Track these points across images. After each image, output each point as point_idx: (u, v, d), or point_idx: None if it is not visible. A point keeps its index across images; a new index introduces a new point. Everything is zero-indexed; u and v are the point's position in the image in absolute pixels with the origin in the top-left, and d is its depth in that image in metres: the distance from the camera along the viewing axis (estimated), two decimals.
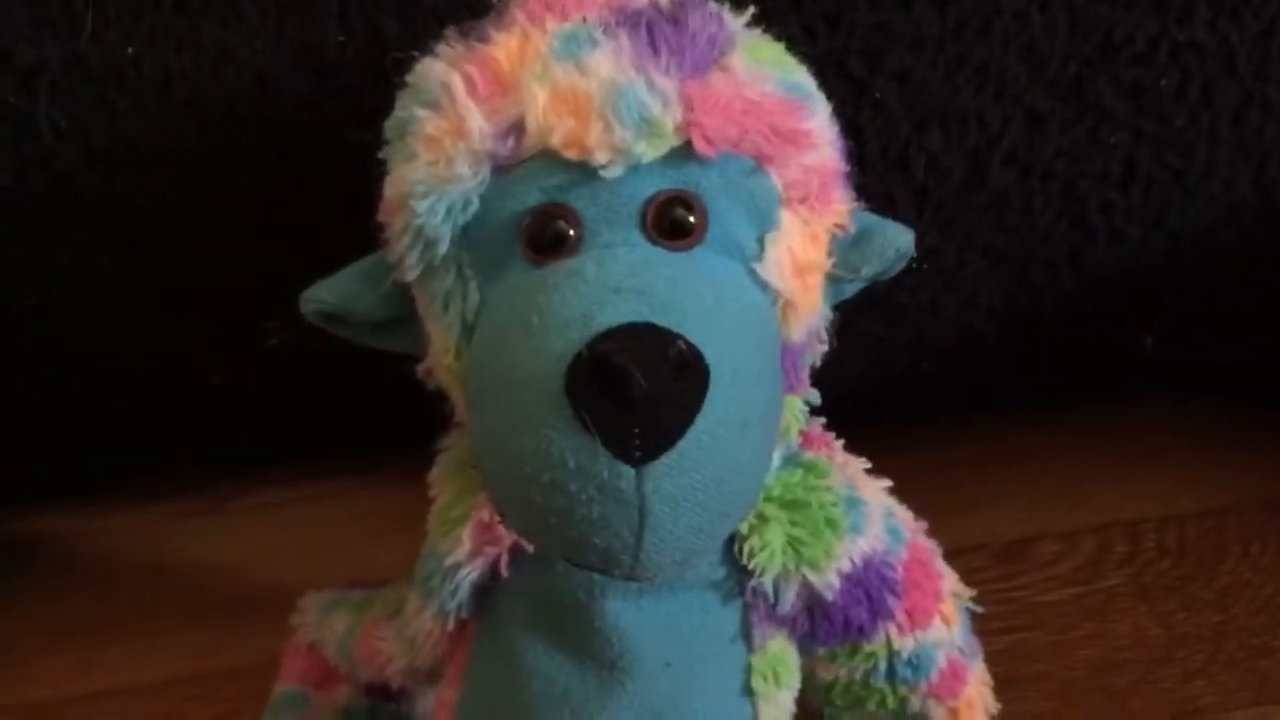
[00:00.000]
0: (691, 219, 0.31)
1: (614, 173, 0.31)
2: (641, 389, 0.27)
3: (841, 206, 0.34)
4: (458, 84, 0.32)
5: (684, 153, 0.31)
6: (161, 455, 0.59)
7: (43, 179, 0.44)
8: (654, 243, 0.31)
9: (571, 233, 0.31)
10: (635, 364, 0.27)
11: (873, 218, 0.35)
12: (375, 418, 0.52)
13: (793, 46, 0.35)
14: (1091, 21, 0.43)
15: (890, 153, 0.42)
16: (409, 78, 0.34)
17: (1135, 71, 0.44)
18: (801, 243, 0.33)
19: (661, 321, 0.28)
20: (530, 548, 0.35)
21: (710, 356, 0.28)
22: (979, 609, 0.41)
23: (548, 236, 0.31)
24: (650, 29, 0.32)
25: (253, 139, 0.43)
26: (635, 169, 0.31)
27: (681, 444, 0.28)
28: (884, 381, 0.49)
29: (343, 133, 0.42)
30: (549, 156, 0.31)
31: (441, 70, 0.33)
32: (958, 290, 0.48)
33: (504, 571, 0.36)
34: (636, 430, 0.28)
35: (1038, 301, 0.49)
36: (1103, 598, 0.53)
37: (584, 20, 0.32)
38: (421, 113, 0.32)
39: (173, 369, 0.52)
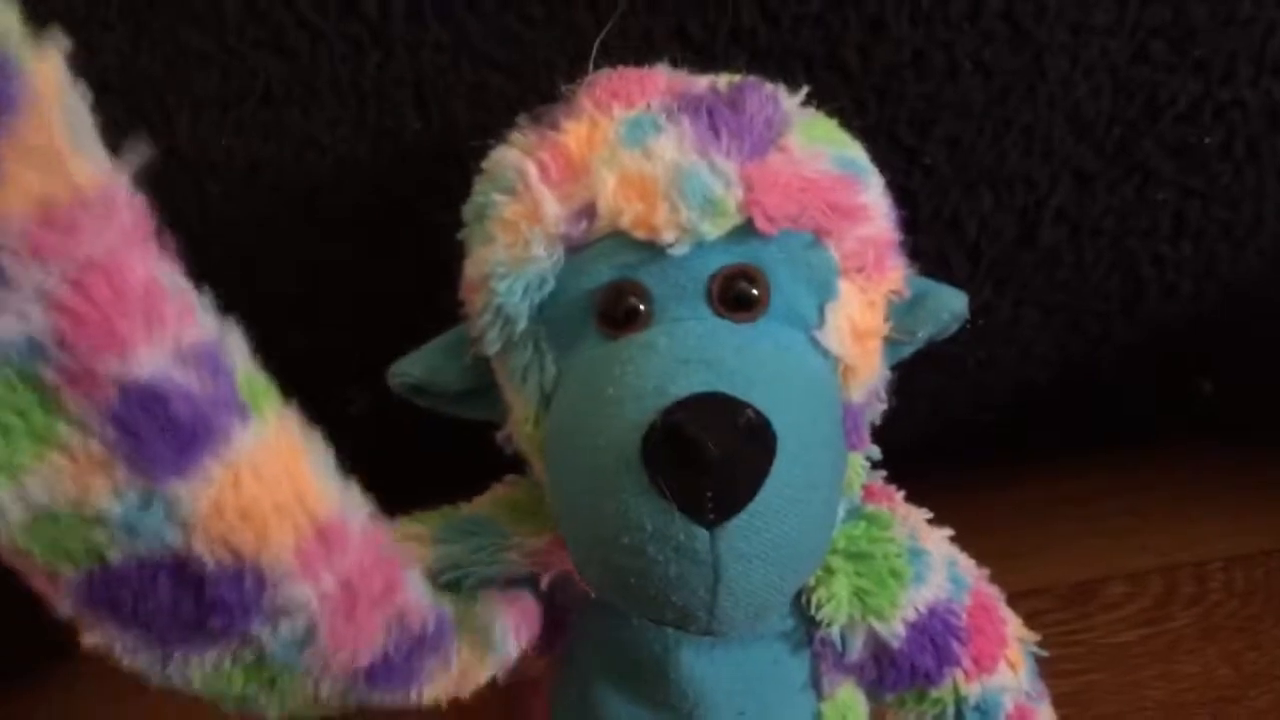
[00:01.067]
0: (755, 292, 0.33)
1: (680, 250, 0.33)
2: (714, 455, 0.28)
3: (896, 274, 0.35)
4: (531, 170, 0.34)
5: (746, 230, 0.33)
6: None
7: None
8: (720, 315, 0.33)
9: (642, 308, 0.33)
10: (707, 432, 0.29)
11: (927, 283, 0.37)
12: (449, 479, 0.54)
13: (844, 120, 0.37)
14: (1135, 84, 0.43)
15: (943, 215, 0.42)
16: (485, 164, 0.36)
17: (1180, 130, 0.44)
18: (860, 310, 0.34)
19: (730, 390, 0.30)
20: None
21: (777, 422, 0.30)
22: (1044, 653, 0.41)
23: (620, 311, 0.33)
24: (711, 114, 0.34)
25: (334, 219, 0.45)
26: (700, 246, 0.33)
27: (752, 506, 0.29)
28: (943, 433, 0.49)
29: (417, 212, 0.44)
30: (619, 236, 0.33)
31: (516, 157, 0.34)
32: (1013, 343, 0.48)
33: (543, 585, 0.37)
34: (710, 494, 0.29)
35: (1093, 352, 0.49)
36: (1170, 639, 0.54)
37: (648, 107, 0.34)
38: (498, 198, 0.34)
39: None
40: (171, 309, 0.24)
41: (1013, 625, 0.40)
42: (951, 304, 0.36)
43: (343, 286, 0.47)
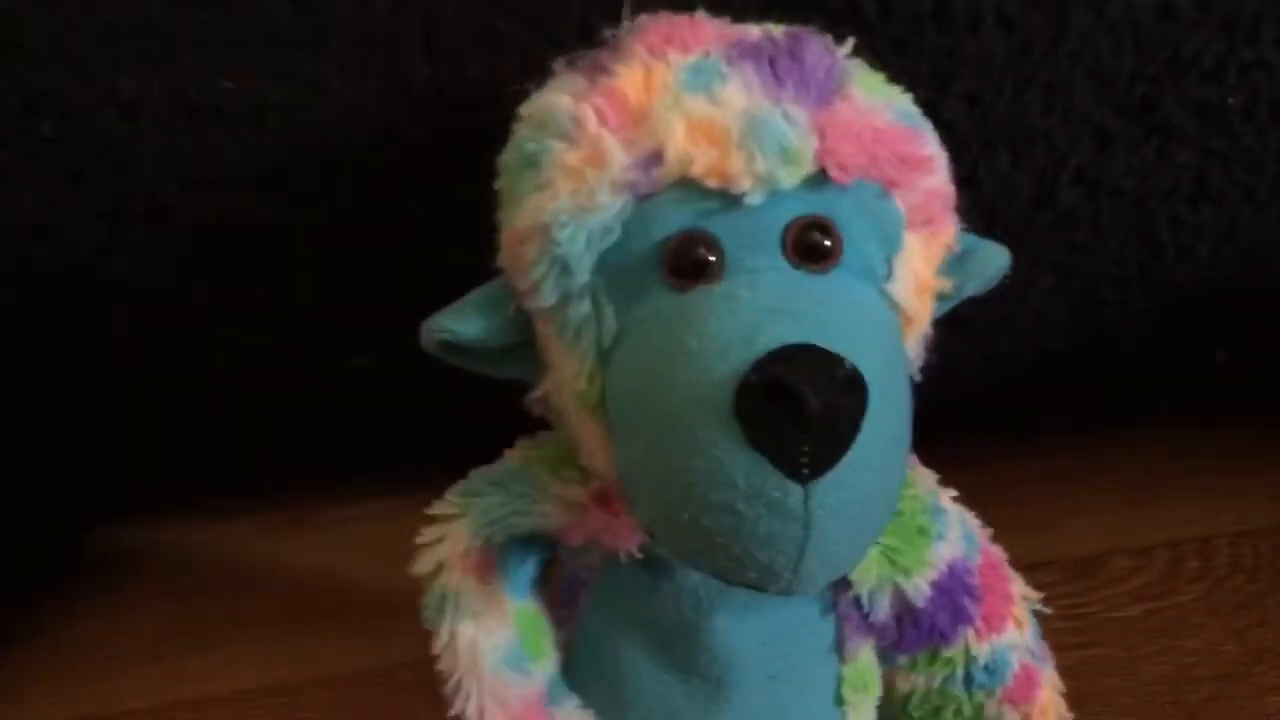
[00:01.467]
0: (828, 243, 0.32)
1: (756, 200, 0.32)
2: (814, 408, 0.28)
3: (953, 228, 0.35)
4: (590, 115, 0.32)
5: (818, 180, 0.32)
6: (250, 469, 0.60)
7: (142, 207, 0.45)
8: (795, 266, 0.32)
9: (713, 259, 0.32)
10: (807, 384, 0.28)
11: (973, 238, 0.36)
12: (456, 434, 0.53)
13: None
14: (1158, 41, 0.43)
15: (959, 173, 0.42)
16: (526, 109, 0.35)
17: (1203, 90, 0.44)
18: (922, 263, 0.34)
19: (820, 341, 0.29)
20: (628, 561, 0.36)
21: (866, 374, 0.29)
22: (1048, 611, 0.41)
23: (690, 262, 0.32)
24: (773, 62, 0.33)
25: (341, 166, 0.45)
26: (773, 195, 0.32)
27: (845, 460, 0.29)
28: (952, 400, 0.49)
29: (427, 161, 0.44)
30: (686, 185, 0.32)
31: (570, 103, 0.33)
32: (1026, 308, 0.48)
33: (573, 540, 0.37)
34: (806, 449, 0.28)
35: (1108, 318, 0.49)
36: (1176, 613, 0.53)
37: (707, 53, 0.33)
38: (556, 144, 0.33)
39: (261, 388, 0.53)
40: None
41: (1018, 583, 0.40)
42: (998, 259, 0.36)
43: (349, 236, 0.46)
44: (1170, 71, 0.43)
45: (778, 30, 0.35)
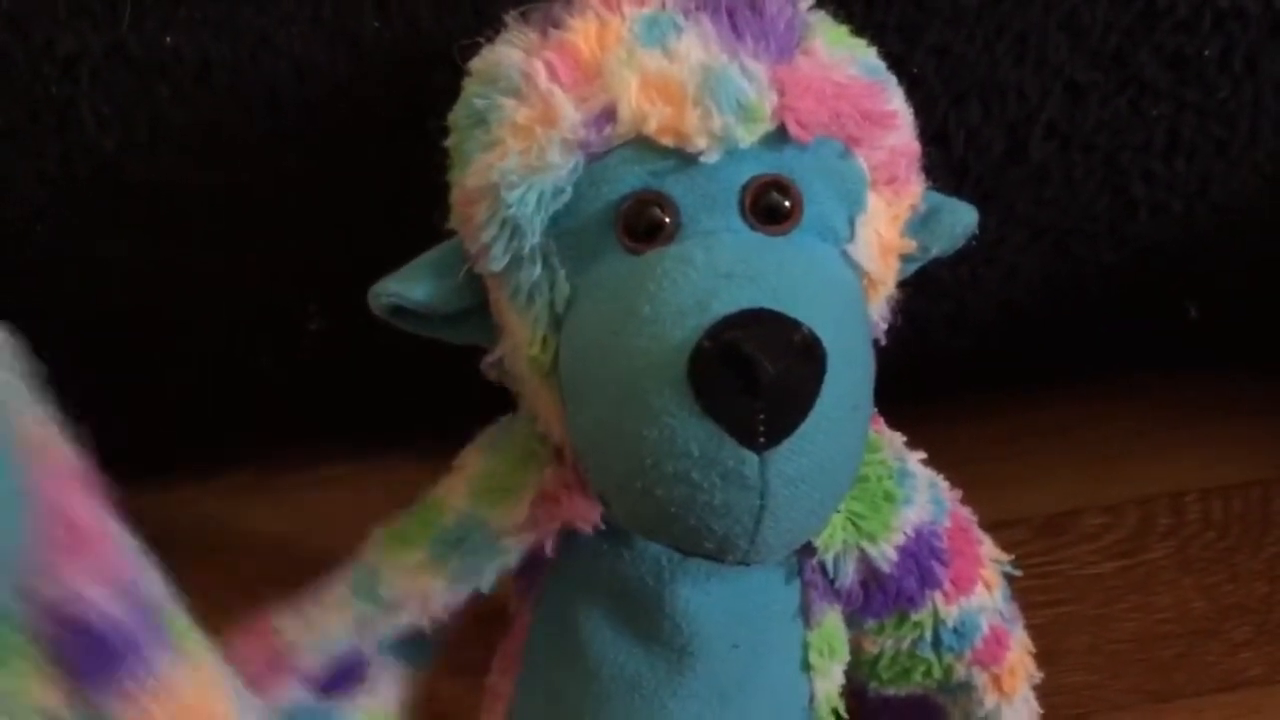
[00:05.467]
0: (788, 204, 0.32)
1: (712, 158, 0.31)
2: (770, 375, 0.27)
3: (918, 187, 0.35)
4: (540, 71, 0.32)
5: (777, 137, 0.31)
6: (204, 432, 0.59)
7: (86, 166, 0.44)
8: (753, 228, 0.31)
9: (668, 219, 0.31)
10: (762, 351, 0.27)
11: (939, 197, 0.36)
12: (417, 397, 0.52)
13: None
14: None
15: (929, 128, 0.41)
16: (476, 64, 0.34)
17: (1177, 40, 0.43)
18: (886, 224, 0.34)
19: (776, 306, 0.29)
20: (587, 532, 0.35)
21: (825, 340, 0.29)
22: (1017, 573, 0.41)
23: (645, 223, 0.31)
24: (731, 14, 0.32)
25: (290, 124, 0.44)
26: (730, 154, 0.31)
27: (802, 428, 0.28)
28: (921, 357, 0.49)
29: (378, 118, 0.43)
30: (640, 143, 0.31)
31: (520, 58, 0.32)
32: (997, 264, 0.48)
33: (549, 551, 0.36)
34: (762, 417, 0.28)
35: (1078, 274, 0.49)
36: (1146, 570, 0.53)
37: (663, 5, 0.32)
38: (505, 101, 0.32)
39: (218, 351, 0.52)
40: (108, 548, 0.27)
41: (987, 545, 0.40)
42: (965, 218, 0.36)
43: (299, 196, 0.45)
44: (1144, 22, 0.43)
45: None
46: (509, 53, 0.33)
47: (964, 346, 0.52)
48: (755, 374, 0.27)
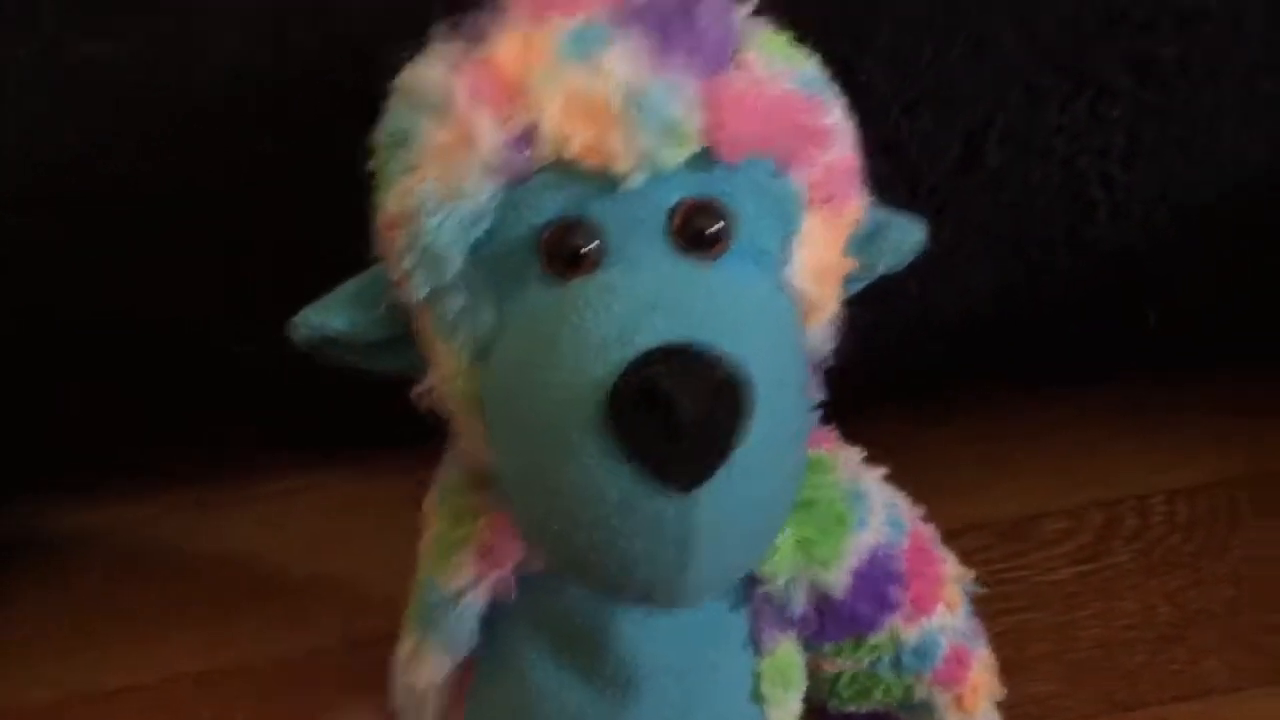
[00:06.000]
0: (717, 228, 0.30)
1: (636, 182, 0.30)
2: (690, 415, 0.26)
3: (859, 204, 0.33)
4: (461, 89, 0.30)
5: (705, 157, 0.30)
6: (151, 446, 0.58)
7: (12, 178, 0.44)
8: (681, 254, 0.30)
9: (593, 246, 0.30)
10: (683, 390, 0.26)
11: (884, 213, 0.35)
12: (350, 425, 0.52)
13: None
14: None
15: (880, 137, 0.40)
16: (401, 81, 0.32)
17: (1137, 42, 0.43)
18: (825, 245, 0.33)
19: (701, 339, 0.28)
20: (537, 569, 0.35)
21: (753, 373, 0.28)
22: (982, 590, 0.40)
23: (567, 250, 0.30)
24: (664, 25, 0.30)
25: (221, 134, 0.43)
26: (656, 177, 0.30)
27: (725, 467, 0.27)
28: (877, 367, 0.48)
29: (308, 134, 0.41)
30: (564, 166, 0.30)
31: (439, 74, 0.31)
32: (953, 274, 0.47)
33: (511, 594, 0.35)
34: (681, 460, 0.27)
35: (1035, 281, 0.48)
36: (1110, 575, 0.53)
37: (592, 17, 0.31)
38: (423, 121, 0.31)
39: (150, 363, 0.51)
40: None
41: (949, 564, 0.40)
42: (912, 234, 0.35)
43: (226, 216, 0.44)
44: (1104, 23, 0.42)
45: None
46: (431, 70, 0.31)
47: (920, 355, 0.51)
48: (675, 414, 0.26)
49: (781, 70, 0.32)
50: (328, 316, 0.32)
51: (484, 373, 0.31)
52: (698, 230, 0.30)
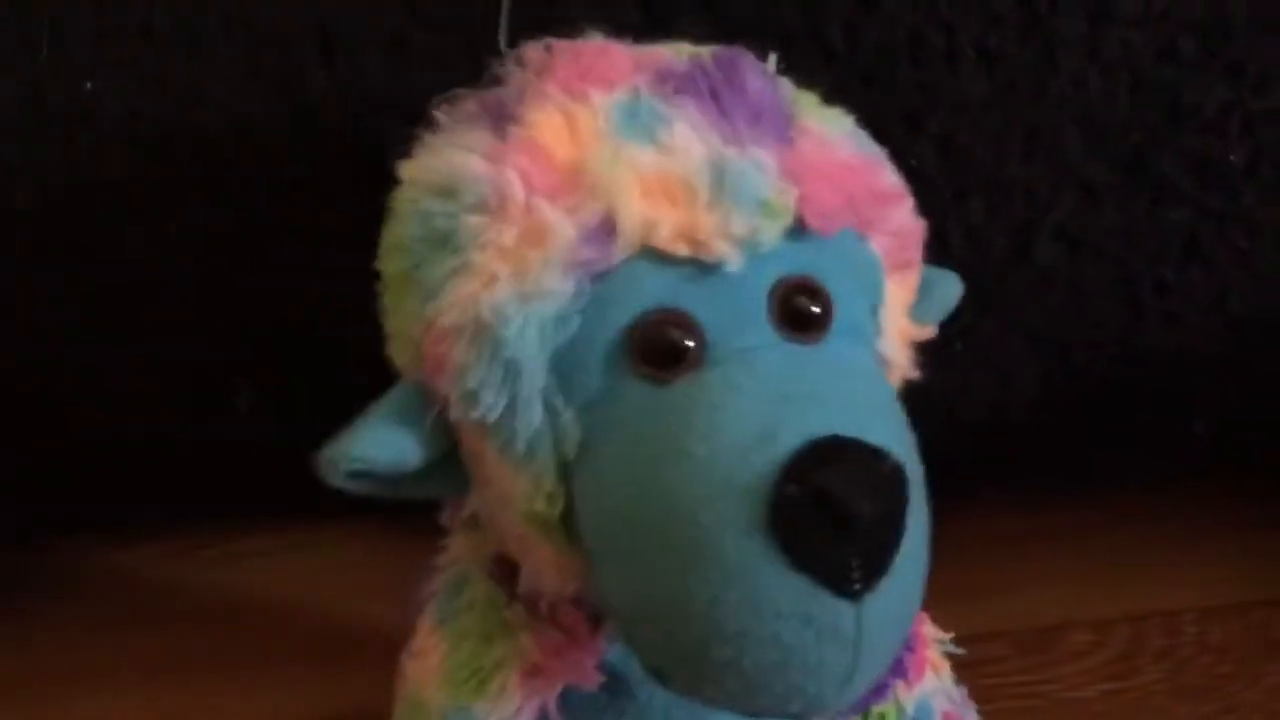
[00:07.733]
0: (817, 308, 0.28)
1: (737, 265, 0.28)
2: (868, 518, 0.25)
3: (920, 266, 0.32)
4: (513, 181, 0.27)
5: (793, 232, 0.28)
6: (157, 497, 0.55)
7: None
8: (787, 338, 0.28)
9: (692, 342, 0.27)
10: (855, 490, 0.25)
11: (928, 269, 0.33)
12: None
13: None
14: (1156, 86, 0.41)
15: (927, 225, 0.39)
16: (416, 173, 0.30)
17: (1202, 142, 0.42)
18: (900, 311, 0.32)
19: (848, 431, 0.26)
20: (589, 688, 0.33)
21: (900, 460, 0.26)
22: (959, 651, 0.39)
23: (666, 348, 0.27)
24: (715, 94, 0.29)
25: (224, 185, 0.41)
26: (752, 257, 0.28)
27: (893, 565, 0.26)
28: None
29: (318, 181, 0.41)
30: (647, 255, 0.28)
31: (482, 166, 0.28)
32: (992, 371, 0.46)
33: (552, 715, 0.33)
34: (857, 562, 0.25)
35: (1078, 384, 0.47)
36: (1137, 696, 0.50)
37: (635, 90, 0.29)
38: (474, 219, 0.28)
39: (139, 420, 0.49)
40: None
41: (928, 625, 0.38)
42: (954, 288, 0.34)
43: (227, 263, 0.43)
44: (1168, 121, 0.42)
45: (696, 52, 0.30)
46: (464, 159, 0.28)
47: (951, 452, 0.49)
48: (851, 516, 0.24)
49: (839, 133, 0.30)
50: (368, 447, 0.29)
51: (576, 493, 0.28)
52: (800, 310, 0.28)
